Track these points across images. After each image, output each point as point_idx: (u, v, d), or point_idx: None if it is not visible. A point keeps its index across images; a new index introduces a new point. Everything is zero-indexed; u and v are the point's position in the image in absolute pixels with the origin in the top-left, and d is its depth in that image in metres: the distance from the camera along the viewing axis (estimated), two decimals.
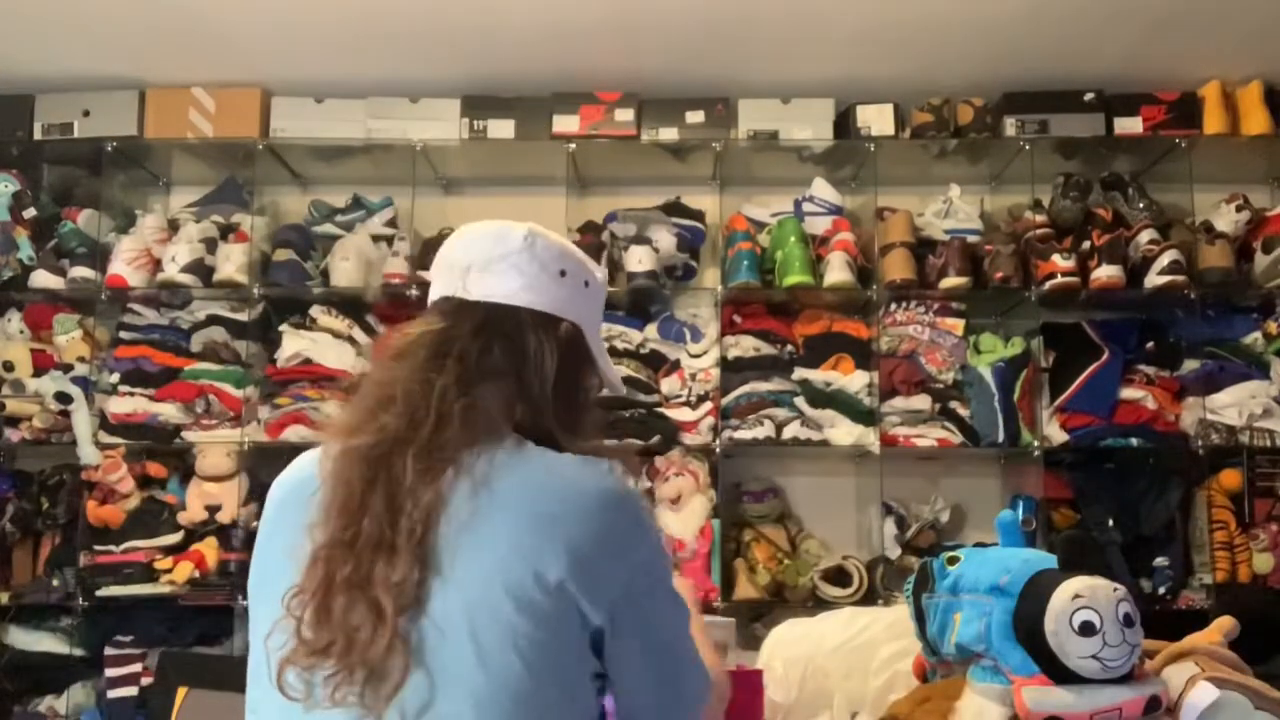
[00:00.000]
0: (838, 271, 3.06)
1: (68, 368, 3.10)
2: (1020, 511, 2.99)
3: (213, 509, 3.05)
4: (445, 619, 1.02)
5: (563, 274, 1.20)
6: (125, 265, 3.09)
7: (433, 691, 1.01)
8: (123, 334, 3.20)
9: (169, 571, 2.97)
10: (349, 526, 1.06)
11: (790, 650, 1.74)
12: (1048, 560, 1.32)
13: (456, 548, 1.04)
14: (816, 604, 2.93)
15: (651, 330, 3.22)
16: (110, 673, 2.98)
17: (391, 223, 3.31)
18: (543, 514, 1.06)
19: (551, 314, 1.19)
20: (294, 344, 3.15)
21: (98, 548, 3.02)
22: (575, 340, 1.21)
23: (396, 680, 1.00)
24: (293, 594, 1.05)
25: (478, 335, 1.15)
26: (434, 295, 1.22)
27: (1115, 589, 1.25)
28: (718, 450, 3.07)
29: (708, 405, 3.10)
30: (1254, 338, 3.15)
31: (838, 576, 3.04)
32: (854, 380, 3.10)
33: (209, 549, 3.01)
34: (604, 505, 1.08)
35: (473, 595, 1.03)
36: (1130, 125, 3.17)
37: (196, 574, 2.96)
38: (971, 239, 3.17)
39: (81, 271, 3.12)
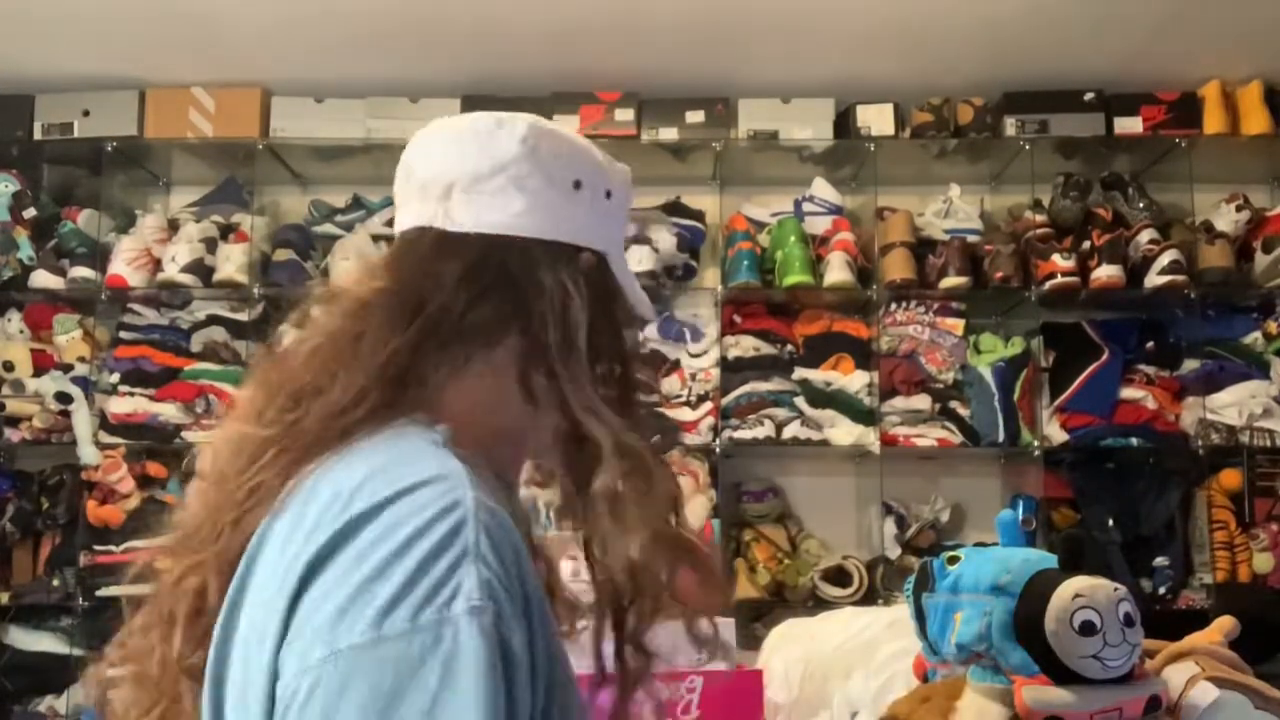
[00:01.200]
0: (838, 271, 3.06)
1: (68, 368, 3.10)
2: (1020, 511, 2.99)
3: None
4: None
5: (577, 185, 0.89)
6: (125, 265, 3.09)
7: None
8: (123, 334, 3.20)
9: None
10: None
11: (790, 650, 1.74)
12: (1048, 560, 1.32)
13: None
14: (816, 604, 2.93)
15: (651, 330, 3.21)
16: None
17: (391, 223, 3.30)
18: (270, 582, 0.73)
19: (569, 243, 0.88)
20: None
21: (98, 548, 3.02)
22: (601, 276, 0.90)
23: None
24: None
25: (467, 282, 0.84)
26: (402, 224, 0.92)
27: (1115, 589, 1.25)
28: (718, 450, 3.07)
29: (708, 405, 3.10)
30: (1254, 337, 3.15)
31: (838, 576, 3.04)
32: (854, 380, 3.10)
33: None
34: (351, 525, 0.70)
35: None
36: (1130, 125, 3.17)
37: None
38: (971, 239, 3.17)
39: (81, 271, 3.12)
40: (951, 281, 3.07)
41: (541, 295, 0.85)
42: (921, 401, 3.08)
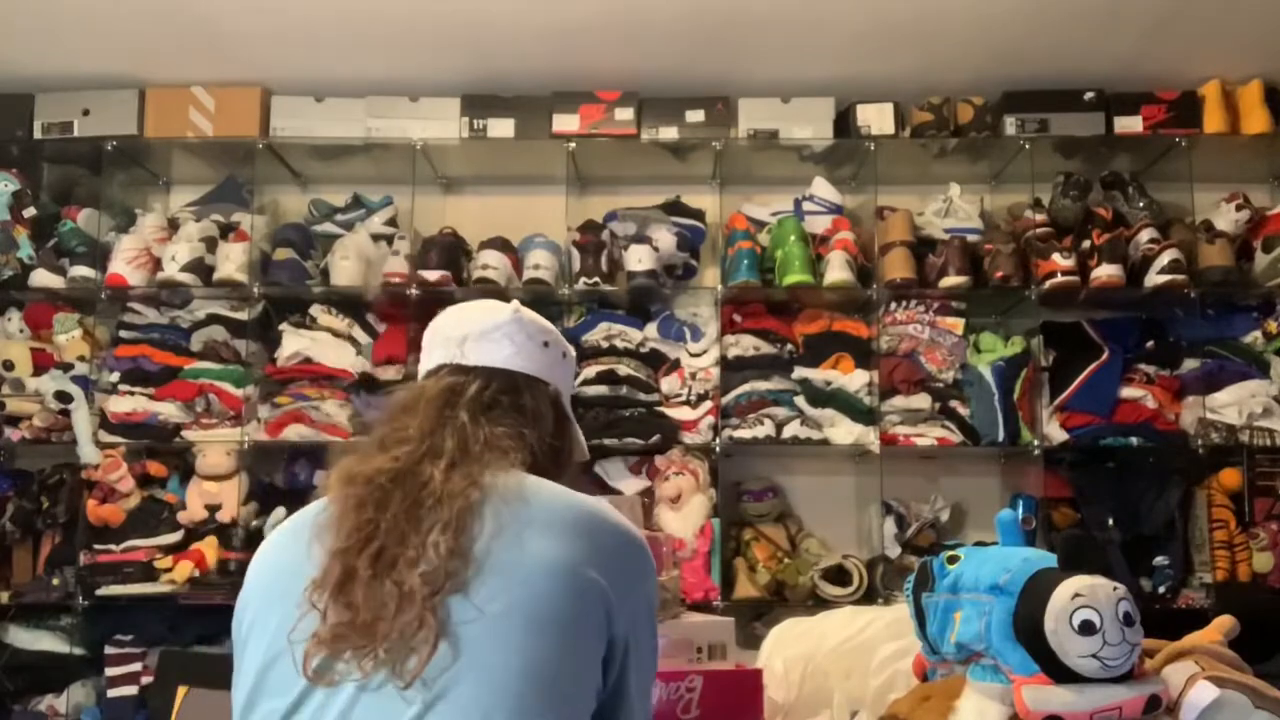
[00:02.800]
0: (838, 270, 3.06)
1: (68, 367, 3.10)
2: (1020, 510, 2.99)
3: (213, 508, 3.05)
4: (483, 601, 1.07)
5: (546, 345, 1.35)
6: (125, 264, 3.09)
7: (457, 665, 1.04)
8: (123, 333, 3.20)
9: (169, 571, 2.97)
10: (363, 528, 1.11)
11: (790, 649, 1.74)
12: (1048, 559, 1.32)
13: (492, 547, 1.10)
14: (816, 603, 2.93)
15: (651, 329, 3.22)
16: (110, 672, 2.98)
17: (391, 222, 3.31)
18: (577, 526, 1.15)
19: (539, 378, 1.33)
20: (294, 343, 3.15)
21: (98, 547, 3.02)
22: (559, 403, 1.35)
23: (424, 654, 1.04)
24: (312, 589, 1.09)
25: (482, 391, 1.27)
26: (429, 365, 1.33)
27: (1115, 588, 1.25)
28: (718, 449, 3.07)
29: (708, 404, 3.10)
30: (1254, 337, 3.15)
31: (838, 575, 3.04)
32: (854, 379, 3.10)
33: (209, 548, 3.01)
34: (626, 537, 1.19)
35: (514, 580, 1.08)
36: (1130, 124, 3.17)
37: (196, 573, 2.96)
38: (971, 238, 3.17)
39: (81, 271, 3.12)
40: (951, 281, 3.08)
41: (524, 408, 1.29)
42: (921, 401, 3.08)
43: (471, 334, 1.32)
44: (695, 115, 3.22)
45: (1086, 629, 1.21)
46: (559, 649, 1.07)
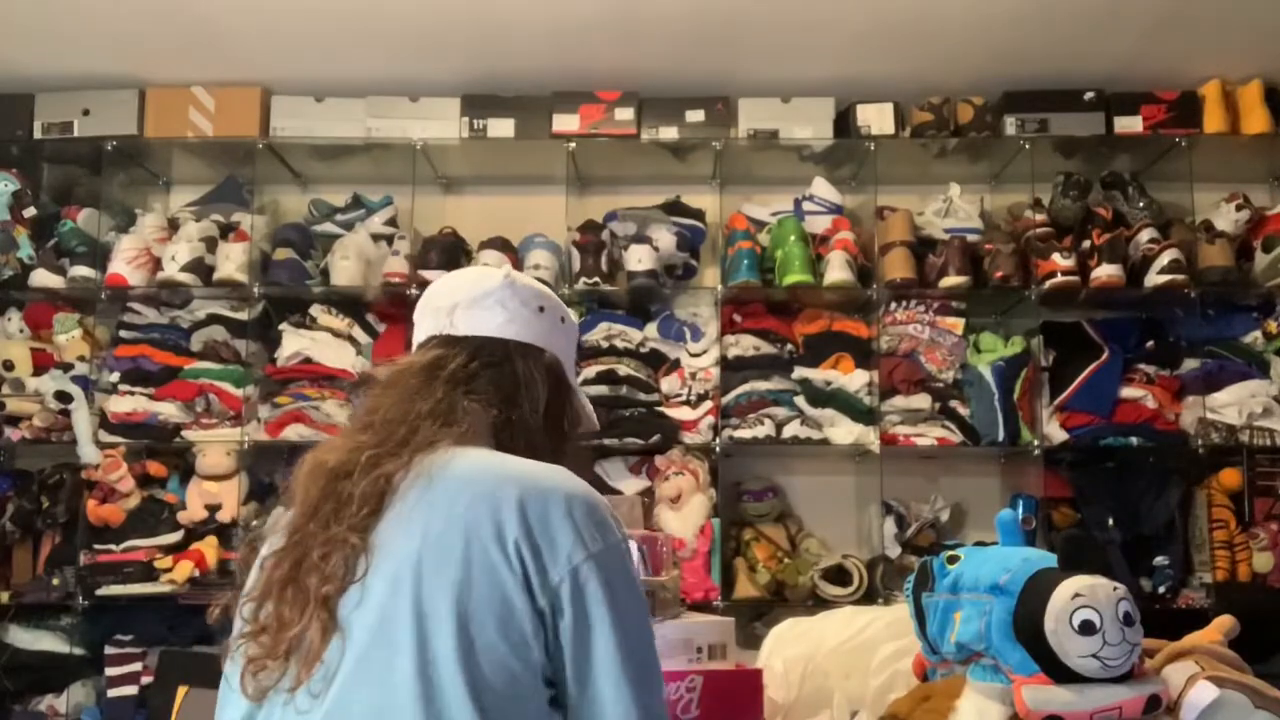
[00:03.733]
0: (838, 270, 3.06)
1: (68, 367, 3.10)
2: (1020, 510, 2.99)
3: (213, 508, 3.05)
4: (373, 594, 1.05)
5: (541, 310, 1.29)
6: (125, 264, 3.09)
7: (346, 663, 1.03)
8: (123, 333, 3.20)
9: (169, 570, 2.97)
10: (295, 532, 1.11)
11: (790, 649, 1.74)
12: (1048, 559, 1.32)
13: (397, 526, 1.08)
14: (816, 603, 2.93)
15: (651, 329, 3.22)
16: (110, 672, 2.98)
17: (391, 222, 3.31)
18: (483, 493, 1.08)
19: (535, 344, 1.27)
20: (294, 343, 3.15)
21: (98, 547, 3.02)
22: (557, 371, 1.29)
23: (316, 647, 1.04)
24: (242, 602, 1.12)
25: (468, 363, 1.21)
26: (419, 338, 1.29)
27: (1115, 588, 1.25)
28: (718, 449, 3.07)
29: (708, 404, 3.10)
30: (1254, 337, 3.15)
31: (838, 575, 3.04)
32: (854, 379, 3.10)
33: (209, 548, 3.01)
34: (555, 495, 1.09)
35: (402, 564, 1.05)
36: (1130, 124, 3.17)
37: (196, 573, 2.96)
38: (971, 238, 3.17)
39: (81, 270, 3.12)
40: (951, 281, 3.07)
41: (516, 377, 1.23)
42: (921, 401, 3.08)
43: (461, 302, 1.26)
44: (695, 115, 3.22)
45: (1086, 629, 1.21)
46: (453, 634, 1.01)
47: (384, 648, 1.02)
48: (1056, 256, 3.03)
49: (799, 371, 3.14)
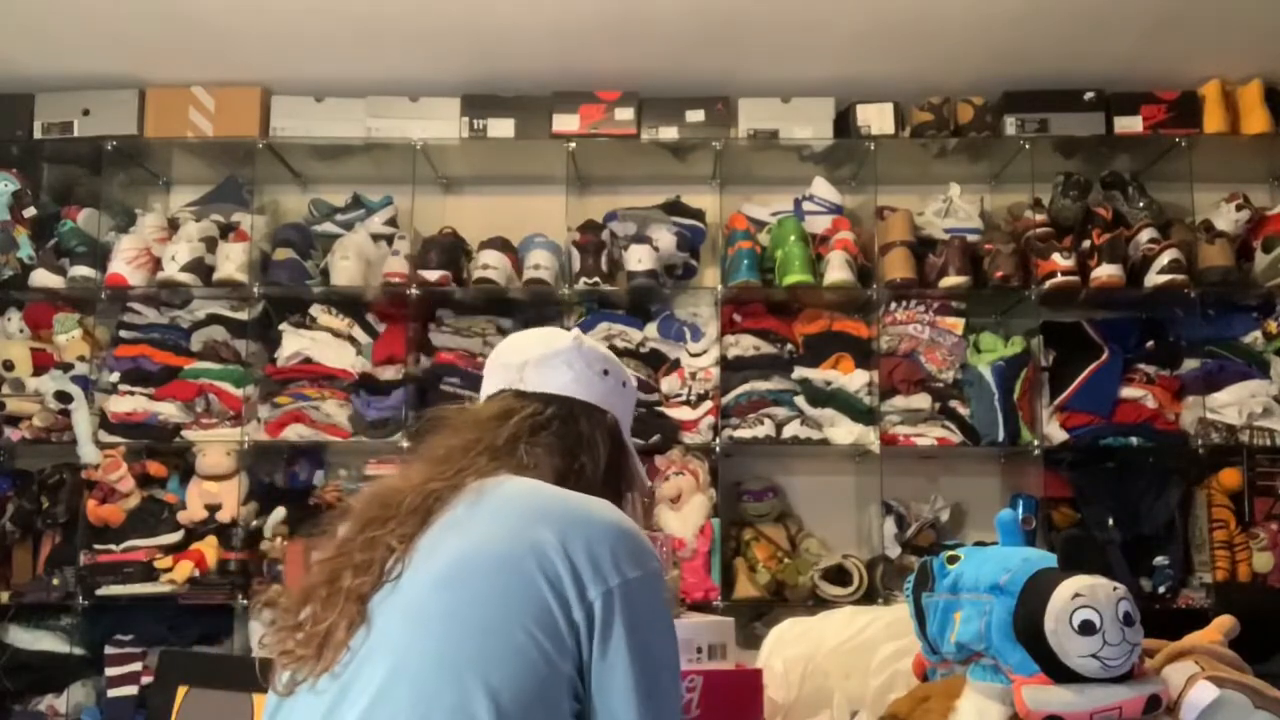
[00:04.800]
0: (838, 270, 3.06)
1: (68, 367, 3.10)
2: (1020, 510, 2.99)
3: (213, 508, 3.05)
4: (408, 587, 1.09)
5: (605, 373, 1.35)
6: (125, 264, 3.09)
7: (368, 649, 1.07)
8: (123, 333, 3.20)
9: (169, 570, 2.97)
10: (343, 544, 1.17)
11: (790, 649, 1.74)
12: (1048, 559, 1.32)
13: (442, 532, 1.13)
14: (816, 603, 2.93)
15: (651, 329, 3.22)
16: (110, 672, 2.98)
17: (391, 222, 3.31)
18: (531, 508, 1.13)
19: (598, 405, 1.33)
20: (294, 343, 3.15)
21: (98, 547, 3.02)
22: (616, 432, 1.35)
23: (342, 636, 1.09)
24: (282, 604, 1.17)
25: (535, 415, 1.28)
26: (488, 391, 1.35)
27: (1115, 588, 1.25)
28: (718, 449, 3.07)
29: (708, 404, 3.10)
30: (1254, 337, 3.15)
31: (838, 575, 3.04)
32: (854, 379, 3.10)
33: (209, 548, 3.01)
34: (608, 521, 1.13)
35: (440, 561, 1.10)
36: (1130, 124, 3.17)
37: (196, 573, 2.96)
38: (971, 238, 3.17)
39: (81, 270, 3.12)
40: (951, 281, 3.07)
41: (580, 434, 1.30)
42: (921, 401, 3.08)
43: (531, 360, 1.33)
44: (695, 115, 3.22)
45: (1086, 629, 1.21)
46: (478, 630, 1.04)
47: (409, 630, 1.06)
48: (1056, 256, 3.03)
49: (799, 371, 3.14)
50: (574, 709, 1.06)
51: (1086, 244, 3.07)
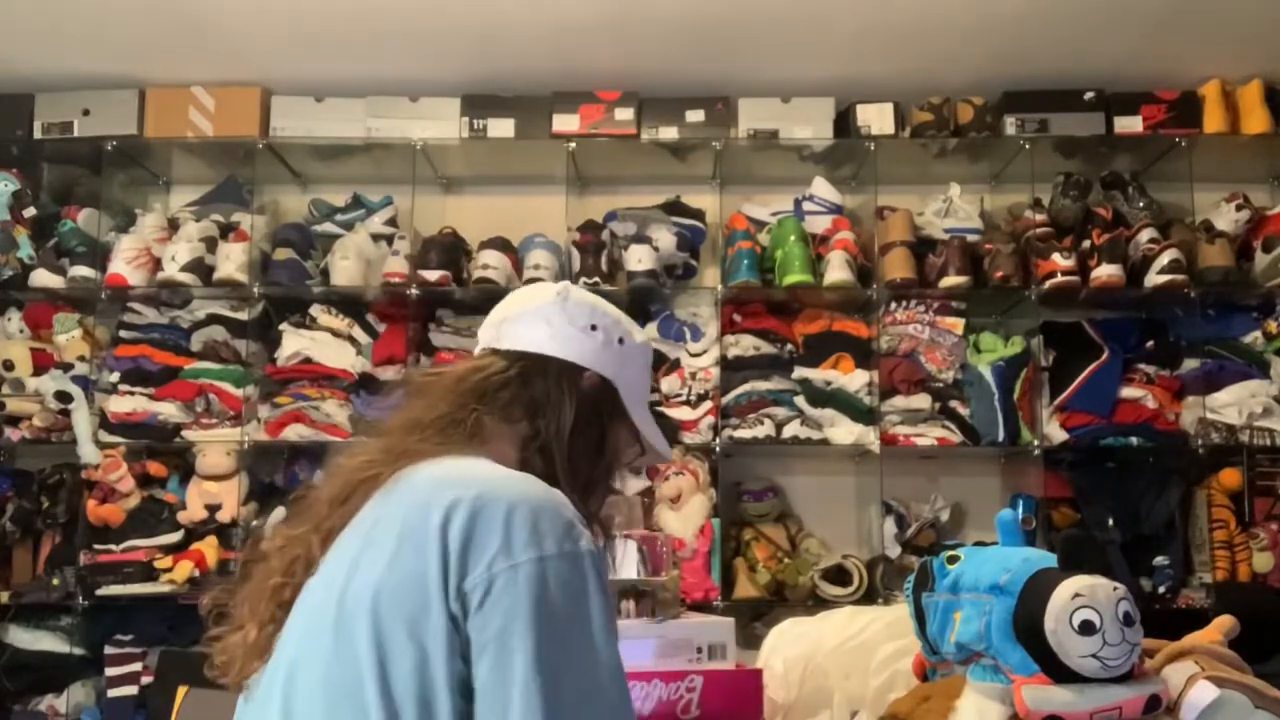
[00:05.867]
0: (838, 270, 3.06)
1: (68, 367, 3.10)
2: (1020, 510, 2.99)
3: (213, 508, 3.05)
4: (314, 583, 1.07)
5: (593, 328, 1.24)
6: (125, 264, 3.09)
7: (279, 659, 1.06)
8: (123, 333, 3.20)
9: (169, 570, 2.97)
10: (280, 540, 1.14)
11: (790, 649, 1.74)
12: (1048, 559, 1.32)
13: (352, 529, 1.08)
14: (816, 603, 2.93)
15: (651, 329, 3.21)
16: (110, 672, 2.98)
17: (391, 222, 3.31)
18: (433, 494, 1.02)
19: (576, 364, 1.22)
20: (294, 343, 3.15)
21: (98, 547, 3.02)
22: (601, 394, 1.23)
23: (266, 642, 1.08)
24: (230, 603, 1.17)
25: (500, 375, 1.20)
26: (477, 350, 1.29)
27: (1115, 588, 1.25)
28: (717, 449, 3.07)
29: (708, 404, 3.10)
30: (1254, 337, 3.15)
31: (838, 575, 3.04)
32: (854, 379, 3.10)
33: (209, 548, 3.01)
34: (510, 500, 1.00)
35: (342, 558, 1.05)
36: (1130, 124, 3.17)
37: (197, 573, 2.96)
38: (971, 238, 3.17)
39: (81, 270, 3.12)
40: (951, 281, 3.07)
41: (535, 396, 1.19)
42: (921, 401, 3.08)
43: (510, 315, 1.25)
44: (695, 115, 3.22)
45: (1086, 629, 1.21)
46: (369, 635, 0.97)
47: (314, 637, 1.03)
48: (1056, 256, 3.03)
49: (799, 371, 3.14)
50: (466, 708, 0.96)
51: (1086, 244, 3.07)
